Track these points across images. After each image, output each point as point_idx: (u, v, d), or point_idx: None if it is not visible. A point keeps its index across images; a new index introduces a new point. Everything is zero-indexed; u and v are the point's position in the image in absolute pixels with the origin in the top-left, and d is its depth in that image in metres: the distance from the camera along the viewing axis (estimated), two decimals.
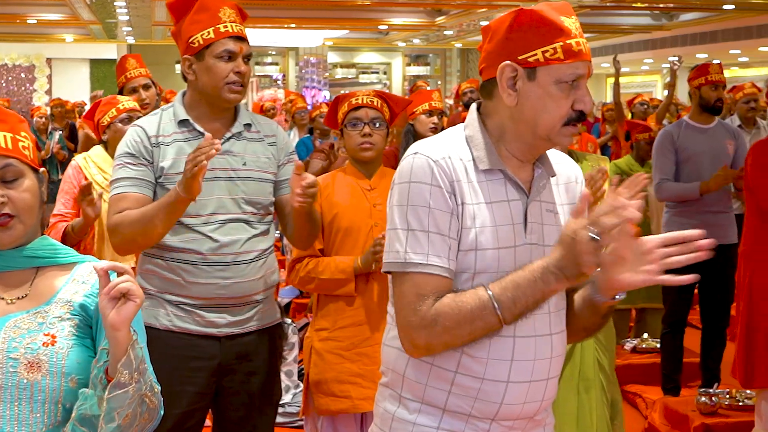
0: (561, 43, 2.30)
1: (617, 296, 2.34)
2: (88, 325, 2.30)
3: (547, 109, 2.33)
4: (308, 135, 10.35)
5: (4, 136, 2.29)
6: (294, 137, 11.41)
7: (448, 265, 2.31)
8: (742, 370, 5.27)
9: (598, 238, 2.12)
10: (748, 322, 5.26)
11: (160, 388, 2.29)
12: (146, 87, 5.68)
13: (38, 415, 2.21)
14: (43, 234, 2.41)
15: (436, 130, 5.85)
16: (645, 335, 7.70)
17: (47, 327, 2.26)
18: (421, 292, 2.29)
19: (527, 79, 2.33)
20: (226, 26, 3.66)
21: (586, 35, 2.31)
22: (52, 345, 2.23)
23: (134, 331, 2.17)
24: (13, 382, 2.20)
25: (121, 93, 5.63)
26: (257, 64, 27.53)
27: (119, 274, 2.16)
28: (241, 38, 3.69)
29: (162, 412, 2.29)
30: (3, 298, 2.31)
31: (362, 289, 4.22)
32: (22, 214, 2.29)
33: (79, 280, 2.34)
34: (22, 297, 2.31)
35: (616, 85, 11.22)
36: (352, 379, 4.21)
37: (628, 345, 7.61)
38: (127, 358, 2.14)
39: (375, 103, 4.32)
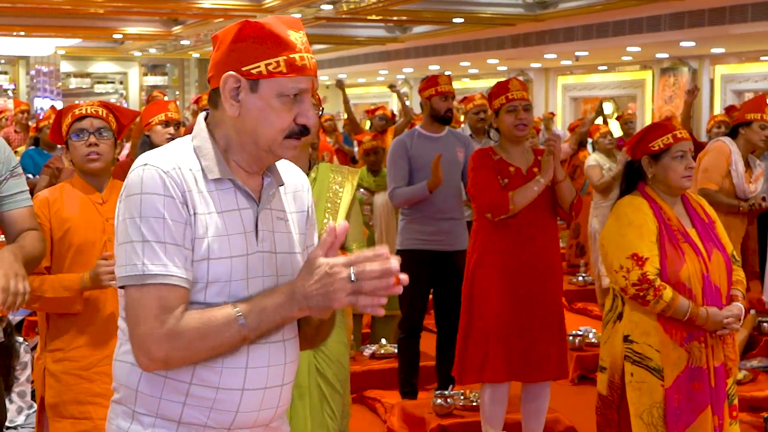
0: (285, 57, 2.32)
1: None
2: None
3: (268, 121, 2.35)
4: (34, 147, 9.86)
5: None
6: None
7: (186, 275, 2.29)
8: (458, 368, 5.56)
9: (355, 280, 2.16)
10: (467, 321, 5.53)
11: None
12: None
13: None
14: None
15: (172, 140, 5.75)
16: (383, 341, 7.85)
17: None
18: (166, 305, 2.26)
19: (250, 90, 2.34)
20: None
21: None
22: None
23: None
24: None
25: None
26: None
27: None
28: None
29: None
30: None
31: (97, 306, 4.11)
32: None
33: None
34: None
35: (346, 103, 11.85)
36: (92, 399, 4.10)
37: (367, 351, 7.75)
38: None
39: (100, 113, 4.22)
